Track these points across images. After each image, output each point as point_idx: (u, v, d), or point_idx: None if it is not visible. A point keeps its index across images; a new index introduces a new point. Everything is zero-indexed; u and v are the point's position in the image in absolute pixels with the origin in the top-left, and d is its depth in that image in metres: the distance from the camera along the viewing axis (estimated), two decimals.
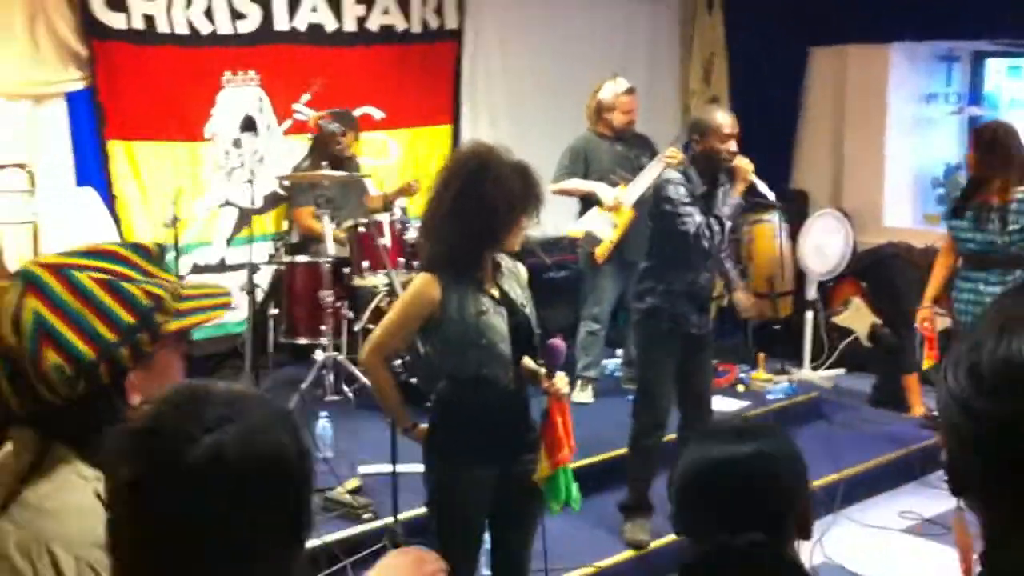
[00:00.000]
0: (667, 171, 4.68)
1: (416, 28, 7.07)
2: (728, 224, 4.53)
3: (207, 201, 6.35)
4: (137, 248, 1.58)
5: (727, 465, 1.73)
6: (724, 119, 4.55)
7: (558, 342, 3.22)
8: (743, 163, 4.51)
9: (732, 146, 4.50)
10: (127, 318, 1.47)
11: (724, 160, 4.49)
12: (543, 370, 3.23)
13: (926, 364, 5.36)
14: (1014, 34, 6.90)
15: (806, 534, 1.76)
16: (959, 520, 1.11)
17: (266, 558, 1.19)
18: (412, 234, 5.80)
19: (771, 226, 6.97)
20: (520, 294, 3.31)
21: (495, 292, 3.23)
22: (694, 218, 4.39)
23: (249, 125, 5.90)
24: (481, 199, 3.10)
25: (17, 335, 1.43)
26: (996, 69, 7.67)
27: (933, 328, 5.20)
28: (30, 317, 1.44)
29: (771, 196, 4.98)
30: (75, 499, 1.42)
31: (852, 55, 7.72)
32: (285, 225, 6.56)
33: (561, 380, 3.24)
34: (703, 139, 4.50)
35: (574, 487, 3.33)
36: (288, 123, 6.49)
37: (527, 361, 3.30)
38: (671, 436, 4.72)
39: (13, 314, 1.44)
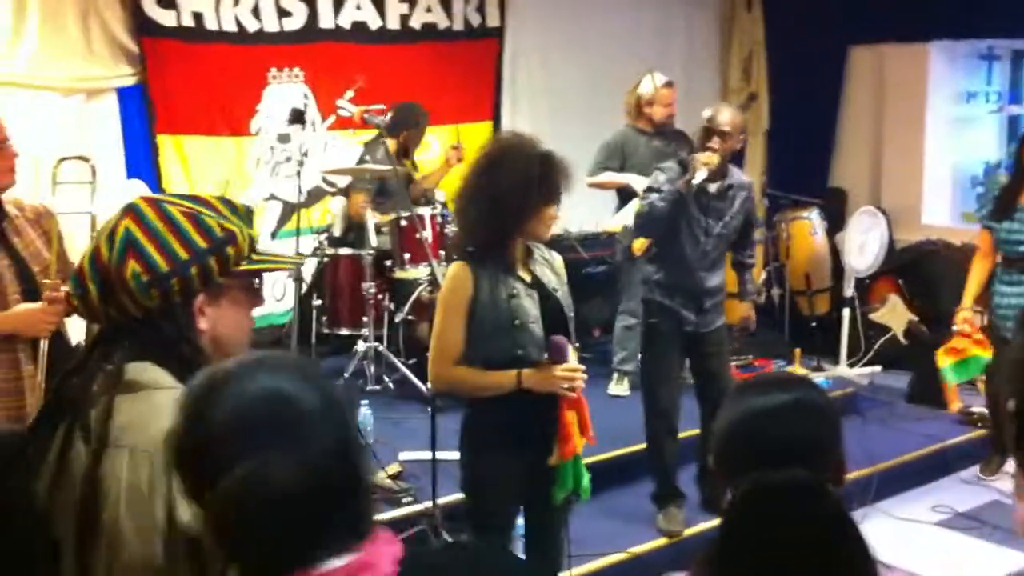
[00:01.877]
0: (665, 162, 4.74)
1: (458, 26, 7.18)
2: (730, 225, 4.58)
3: (252, 195, 6.50)
4: (227, 201, 1.80)
5: (768, 412, 1.81)
6: (724, 117, 4.54)
7: (560, 338, 3.25)
8: (700, 156, 4.49)
9: (714, 143, 4.49)
10: (200, 242, 1.69)
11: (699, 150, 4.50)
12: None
13: (946, 362, 5.15)
14: None
15: (840, 481, 1.85)
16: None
17: (327, 535, 1.28)
18: (453, 227, 5.89)
19: (808, 223, 7.01)
20: (552, 279, 3.34)
21: (526, 276, 3.29)
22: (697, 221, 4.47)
23: (297, 117, 6.02)
24: (498, 186, 3.16)
25: (110, 248, 1.68)
26: None
27: (974, 329, 5.09)
28: (122, 232, 1.69)
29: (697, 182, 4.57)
30: (163, 416, 1.50)
31: (891, 54, 7.73)
32: (329, 218, 6.69)
33: (570, 371, 3.21)
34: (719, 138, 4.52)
35: (585, 478, 3.32)
36: (332, 119, 6.62)
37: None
38: (694, 431, 4.78)
39: (111, 230, 1.70)
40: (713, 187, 4.55)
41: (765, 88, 8.26)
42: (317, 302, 6.16)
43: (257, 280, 1.82)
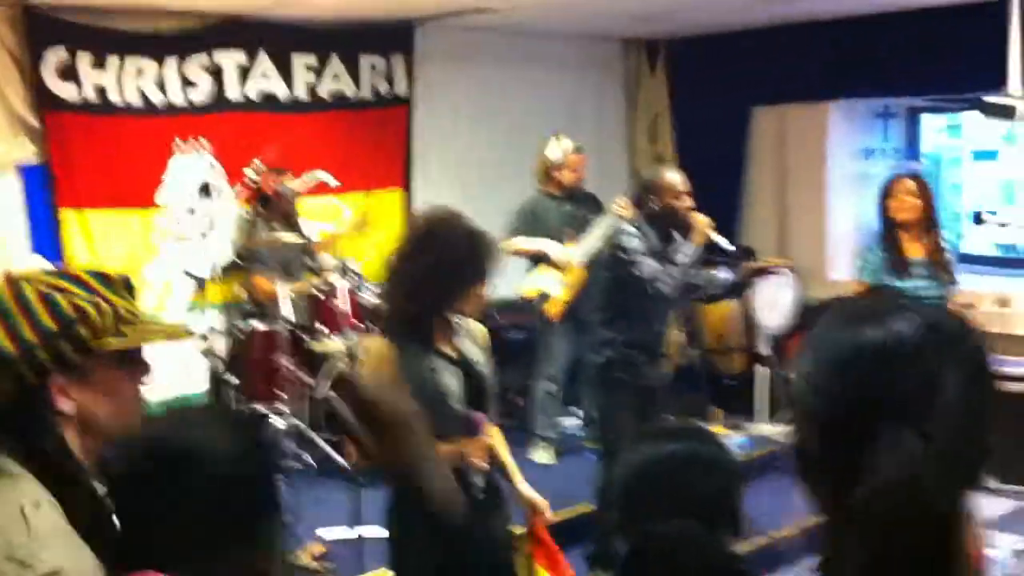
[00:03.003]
0: (621, 224, 4.80)
1: (366, 94, 7.17)
2: (684, 275, 4.66)
3: (159, 269, 6.34)
4: (98, 275, 1.75)
5: (661, 462, 1.82)
6: (676, 177, 4.71)
7: (476, 414, 3.24)
8: (700, 218, 4.65)
9: (687, 202, 4.65)
10: (49, 323, 1.64)
11: (682, 216, 4.63)
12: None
13: None
14: (945, 90, 7.15)
15: (738, 529, 1.84)
16: None
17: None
18: (368, 297, 5.83)
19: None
20: (475, 353, 3.34)
21: (450, 352, 3.27)
22: (651, 265, 4.51)
23: (204, 189, 5.93)
24: (429, 267, 3.14)
25: None
26: (934, 126, 7.91)
27: None
28: None
29: (730, 248, 5.06)
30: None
31: (793, 114, 7.93)
32: (240, 293, 6.56)
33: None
34: (659, 197, 4.65)
35: None
36: (239, 190, 6.52)
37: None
38: None
39: None
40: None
41: (671, 150, 8.40)
42: (232, 379, 6.01)
43: (136, 355, 1.76)
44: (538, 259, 6.28)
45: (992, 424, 1.12)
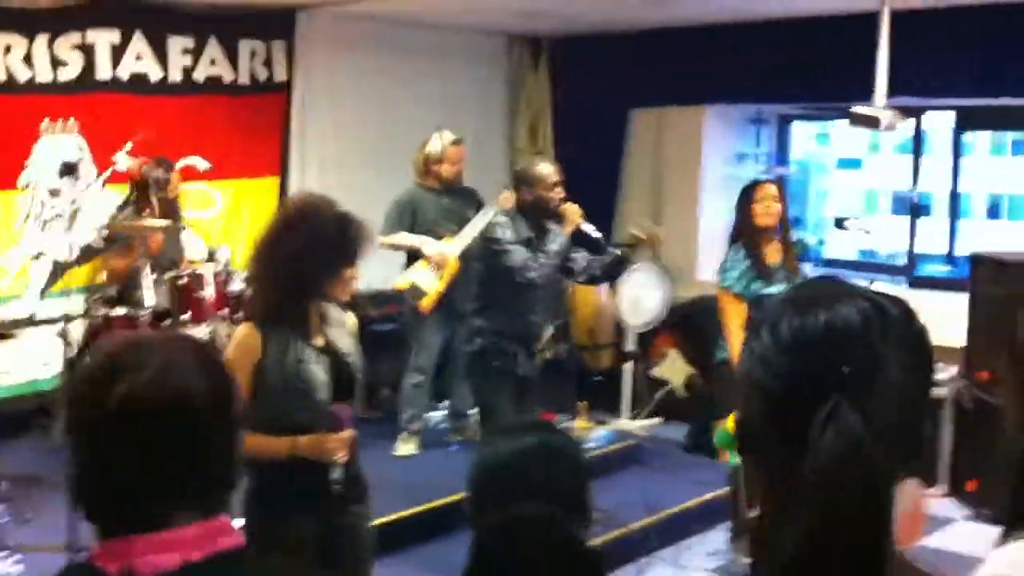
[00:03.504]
0: (495, 215, 4.88)
1: (244, 80, 7.07)
2: (556, 262, 4.76)
3: (20, 252, 6.17)
4: None
5: (517, 455, 1.89)
6: (548, 168, 4.80)
7: (340, 407, 3.24)
8: (571, 208, 4.75)
9: (559, 193, 4.74)
10: None
11: (553, 206, 4.72)
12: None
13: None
14: (815, 99, 7.38)
15: (587, 519, 1.92)
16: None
17: (185, 497, 1.36)
18: (236, 285, 5.76)
19: None
20: (346, 343, 3.33)
21: (319, 341, 3.26)
22: (520, 254, 4.59)
23: (69, 170, 5.78)
24: (297, 249, 3.13)
25: None
26: (805, 133, 8.16)
27: None
28: None
29: (598, 235, 5.10)
30: None
31: (670, 116, 8.09)
32: (101, 277, 6.42)
33: (342, 440, 3.18)
34: (532, 188, 4.73)
35: None
36: (108, 173, 6.38)
37: None
38: None
39: None
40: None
41: (551, 147, 8.48)
42: None
43: None
44: (413, 252, 6.28)
45: (929, 408, 1.21)
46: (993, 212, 7.18)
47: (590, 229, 4.98)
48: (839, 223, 7.53)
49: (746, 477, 4.31)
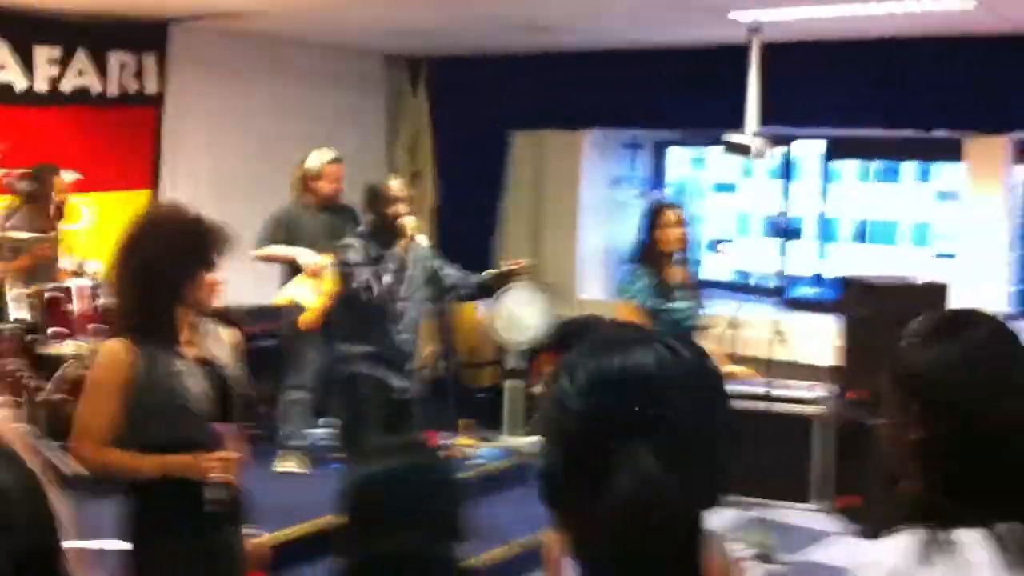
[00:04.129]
0: (347, 237, 4.87)
1: (113, 91, 6.88)
2: (411, 278, 4.74)
3: None
4: None
5: (386, 477, 1.86)
6: (394, 184, 4.84)
7: (218, 425, 3.14)
8: (408, 222, 4.76)
9: (402, 208, 4.74)
10: None
11: (391, 221, 4.74)
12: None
13: None
14: (690, 126, 7.58)
15: (461, 537, 1.89)
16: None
17: None
18: (105, 300, 5.56)
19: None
20: (223, 356, 3.23)
21: (194, 353, 3.14)
22: (364, 274, 4.58)
23: None
24: (148, 256, 3.04)
25: None
26: (681, 158, 8.35)
27: None
28: None
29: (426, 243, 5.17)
30: None
31: (550, 139, 8.18)
32: None
33: (221, 460, 3.05)
34: (376, 206, 4.75)
35: None
36: None
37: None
38: None
39: None
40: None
41: (431, 167, 8.48)
42: None
43: None
44: (296, 269, 6.17)
45: (730, 446, 1.20)
46: (859, 236, 7.46)
47: (423, 242, 4.95)
48: (712, 245, 7.72)
49: None
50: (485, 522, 3.03)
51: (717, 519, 1.21)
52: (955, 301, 5.90)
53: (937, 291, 6.23)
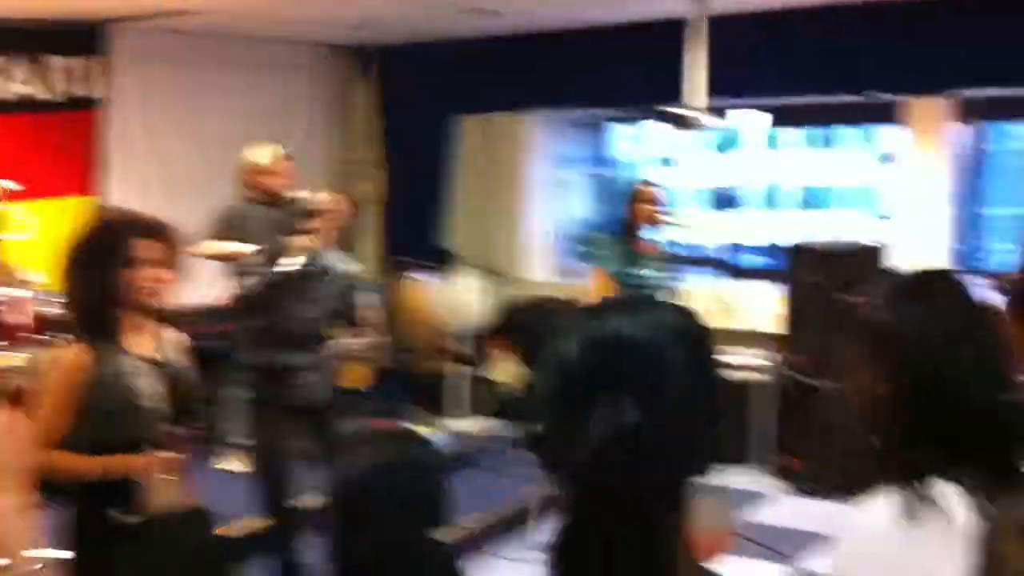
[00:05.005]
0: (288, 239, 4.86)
1: (53, 96, 6.89)
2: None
3: None
4: None
5: (376, 468, 1.90)
6: (316, 195, 4.81)
7: (165, 427, 3.19)
8: (296, 240, 4.84)
9: (315, 223, 4.73)
10: None
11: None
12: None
13: None
14: (629, 102, 7.61)
15: (444, 521, 1.96)
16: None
17: None
18: (50, 307, 5.58)
19: (419, 283, 7.25)
20: (175, 357, 3.26)
21: (147, 353, 3.17)
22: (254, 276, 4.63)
23: None
24: (80, 259, 3.12)
25: None
26: (627, 135, 8.37)
27: None
28: None
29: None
30: None
31: (496, 122, 8.21)
32: None
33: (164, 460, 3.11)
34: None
35: None
36: None
37: None
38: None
39: None
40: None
41: (382, 156, 8.50)
42: None
43: None
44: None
45: (717, 407, 1.27)
46: (807, 203, 7.51)
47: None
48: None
49: None
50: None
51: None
52: (896, 263, 5.97)
53: (874, 253, 6.32)
